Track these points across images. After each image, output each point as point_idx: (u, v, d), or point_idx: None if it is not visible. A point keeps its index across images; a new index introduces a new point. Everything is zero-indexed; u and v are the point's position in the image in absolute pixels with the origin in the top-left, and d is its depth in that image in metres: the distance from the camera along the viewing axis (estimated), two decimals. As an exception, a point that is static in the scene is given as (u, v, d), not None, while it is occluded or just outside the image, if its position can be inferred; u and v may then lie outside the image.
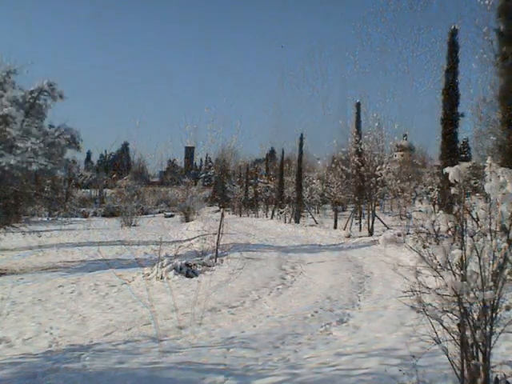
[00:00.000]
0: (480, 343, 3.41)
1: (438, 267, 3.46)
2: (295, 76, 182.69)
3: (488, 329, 3.41)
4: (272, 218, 39.66)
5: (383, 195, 22.83)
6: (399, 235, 13.87)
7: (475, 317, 3.43)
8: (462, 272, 3.43)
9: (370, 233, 20.28)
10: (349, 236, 20.77)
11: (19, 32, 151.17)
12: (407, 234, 15.24)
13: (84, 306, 8.32)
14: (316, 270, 11.81)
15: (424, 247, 3.62)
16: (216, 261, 12.85)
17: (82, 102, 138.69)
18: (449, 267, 3.41)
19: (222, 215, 15.24)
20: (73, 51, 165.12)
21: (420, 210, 3.61)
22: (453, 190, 3.57)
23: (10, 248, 18.37)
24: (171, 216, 51.84)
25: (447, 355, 3.53)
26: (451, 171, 3.58)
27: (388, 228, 21.22)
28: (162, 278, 10.52)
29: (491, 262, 3.44)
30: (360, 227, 22.39)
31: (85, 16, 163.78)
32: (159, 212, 61.67)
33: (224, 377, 4.71)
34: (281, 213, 35.04)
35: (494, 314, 3.42)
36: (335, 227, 26.14)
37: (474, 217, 3.54)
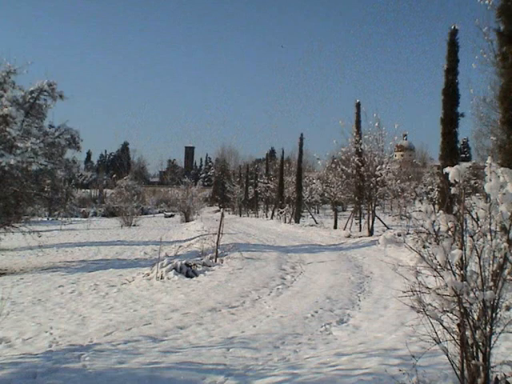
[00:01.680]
0: (480, 343, 3.41)
1: (438, 267, 3.46)
2: (295, 76, 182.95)
3: (488, 329, 3.41)
4: (272, 217, 39.67)
5: (383, 195, 22.78)
6: (399, 235, 13.90)
7: (475, 317, 3.43)
8: (461, 272, 3.43)
9: (370, 233, 20.27)
10: (349, 236, 20.77)
11: (19, 32, 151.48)
12: (407, 234, 15.25)
13: (84, 306, 8.32)
14: (316, 270, 11.80)
15: (424, 247, 3.62)
16: (216, 261, 12.85)
17: (82, 102, 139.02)
18: (449, 267, 3.41)
19: (222, 215, 15.24)
20: (73, 51, 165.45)
21: (420, 210, 3.61)
22: (453, 190, 3.57)
23: (10, 248, 18.38)
24: (171, 216, 51.89)
25: (447, 355, 3.53)
26: (451, 171, 3.58)
27: (388, 228, 21.22)
28: (162, 278, 10.52)
29: (491, 262, 3.44)
30: (360, 227, 22.38)
31: (85, 16, 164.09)
32: (159, 212, 61.78)
33: (224, 377, 4.70)
34: (281, 213, 35.04)
35: (493, 314, 3.42)
36: (335, 227, 26.14)
37: (474, 217, 3.54)
